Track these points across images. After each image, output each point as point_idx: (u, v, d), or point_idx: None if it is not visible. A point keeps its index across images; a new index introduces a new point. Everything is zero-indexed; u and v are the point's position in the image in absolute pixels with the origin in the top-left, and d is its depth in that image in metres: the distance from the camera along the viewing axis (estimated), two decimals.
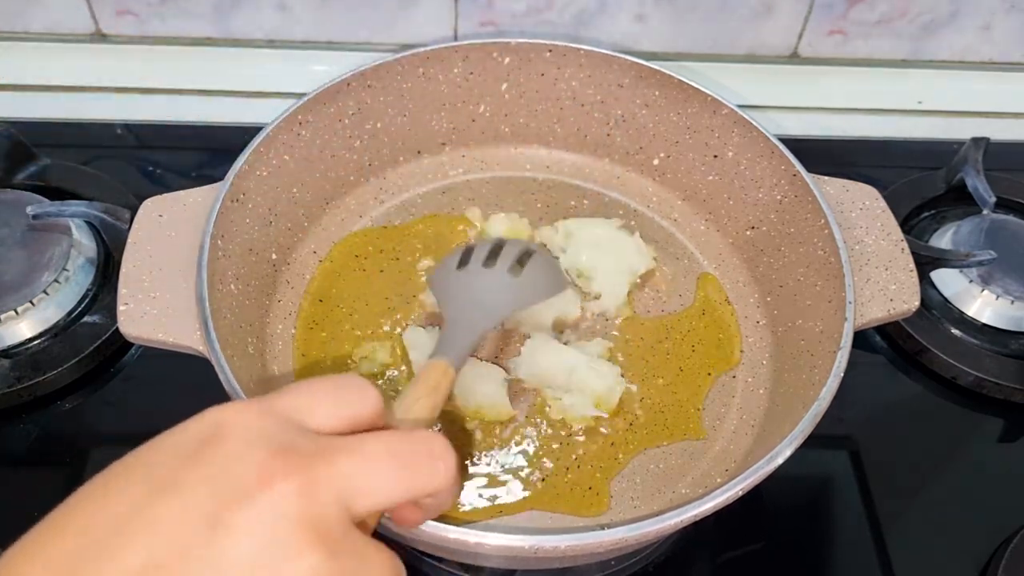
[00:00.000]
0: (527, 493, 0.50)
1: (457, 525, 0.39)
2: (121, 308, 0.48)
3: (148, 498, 0.26)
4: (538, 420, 0.53)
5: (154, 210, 0.52)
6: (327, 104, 0.59)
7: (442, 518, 0.39)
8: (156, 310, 0.48)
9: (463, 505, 0.50)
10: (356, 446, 0.29)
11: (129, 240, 0.51)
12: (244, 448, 0.27)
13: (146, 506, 0.26)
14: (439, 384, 0.41)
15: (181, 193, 0.53)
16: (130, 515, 0.25)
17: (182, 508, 0.25)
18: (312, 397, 0.30)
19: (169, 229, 0.51)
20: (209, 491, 0.26)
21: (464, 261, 0.52)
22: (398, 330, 0.57)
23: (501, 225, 0.61)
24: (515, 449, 0.52)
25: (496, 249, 0.52)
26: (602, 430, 0.53)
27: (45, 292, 0.57)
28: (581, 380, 0.53)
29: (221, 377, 0.45)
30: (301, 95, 0.58)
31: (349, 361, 0.55)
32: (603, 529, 0.41)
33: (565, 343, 0.56)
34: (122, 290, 0.48)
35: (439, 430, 0.52)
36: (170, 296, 0.48)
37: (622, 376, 0.54)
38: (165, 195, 0.53)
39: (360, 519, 0.29)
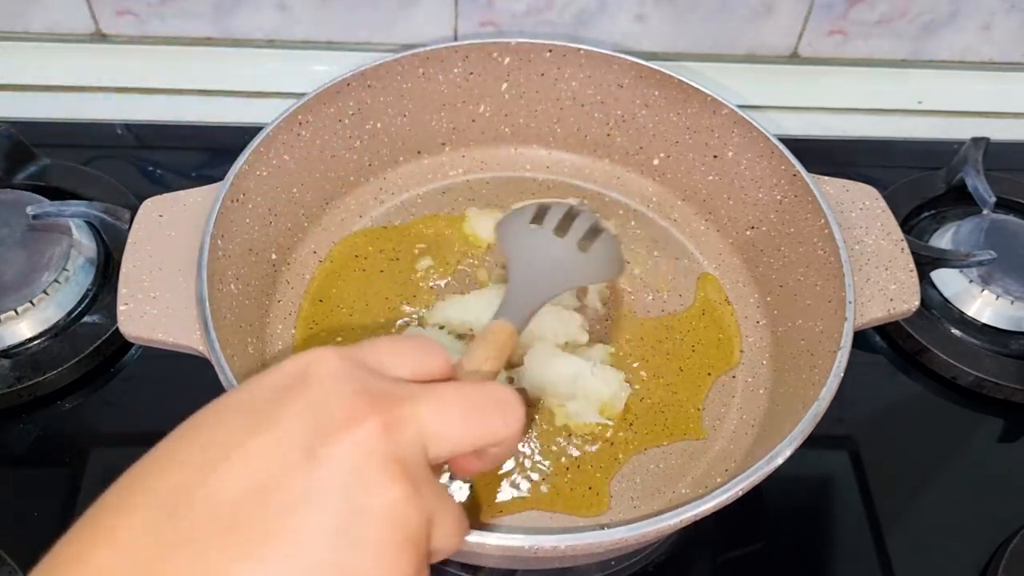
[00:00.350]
0: (527, 493, 0.50)
1: None
2: (121, 308, 0.48)
3: (247, 432, 0.28)
4: (538, 420, 0.53)
5: (154, 210, 0.52)
6: (327, 104, 0.59)
7: None
8: (156, 310, 0.48)
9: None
10: (433, 392, 0.31)
11: (129, 240, 0.51)
12: (333, 387, 0.29)
13: (246, 438, 0.27)
14: (505, 346, 0.41)
15: (181, 193, 0.53)
16: (231, 446, 0.27)
17: (279, 440, 0.27)
18: (389, 350, 0.32)
19: (169, 229, 0.51)
20: (303, 425, 0.28)
21: (538, 219, 0.52)
22: (398, 329, 0.57)
23: (487, 222, 0.61)
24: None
25: (569, 217, 0.52)
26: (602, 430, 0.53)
27: (45, 292, 0.57)
28: (585, 387, 0.53)
29: (221, 377, 0.45)
30: (301, 95, 0.57)
31: None
32: (603, 529, 0.41)
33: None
34: (122, 290, 0.48)
35: None
36: (170, 296, 0.48)
37: (626, 382, 0.54)
38: (165, 195, 0.53)
39: (435, 463, 0.30)
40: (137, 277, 0.49)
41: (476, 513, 0.50)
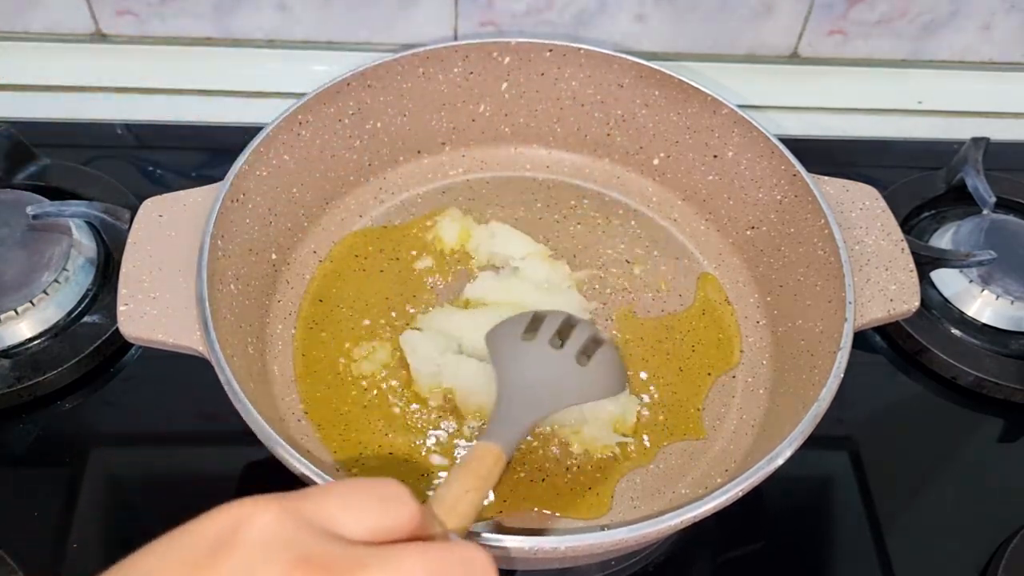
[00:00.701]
0: (527, 493, 0.50)
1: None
2: (121, 308, 0.48)
3: None
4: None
5: (154, 210, 0.52)
6: (327, 104, 0.59)
7: None
8: (156, 310, 0.48)
9: None
10: (392, 560, 0.25)
11: (129, 240, 0.51)
12: (261, 556, 0.24)
13: None
14: (490, 474, 0.38)
15: (181, 193, 0.53)
16: None
17: None
18: (343, 502, 0.27)
19: (169, 229, 0.51)
20: None
21: (532, 330, 0.48)
22: (398, 328, 0.57)
23: (455, 225, 0.62)
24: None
25: (566, 328, 0.48)
26: None
27: (45, 292, 0.57)
28: (593, 409, 0.52)
29: (221, 377, 0.45)
30: (301, 95, 0.57)
31: (349, 360, 0.55)
32: (603, 530, 0.41)
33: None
34: (122, 290, 0.48)
35: (450, 430, 0.52)
36: (170, 296, 0.48)
37: (632, 394, 0.54)
38: (165, 195, 0.53)
39: None
40: (137, 277, 0.49)
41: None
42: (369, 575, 0.25)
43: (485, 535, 0.39)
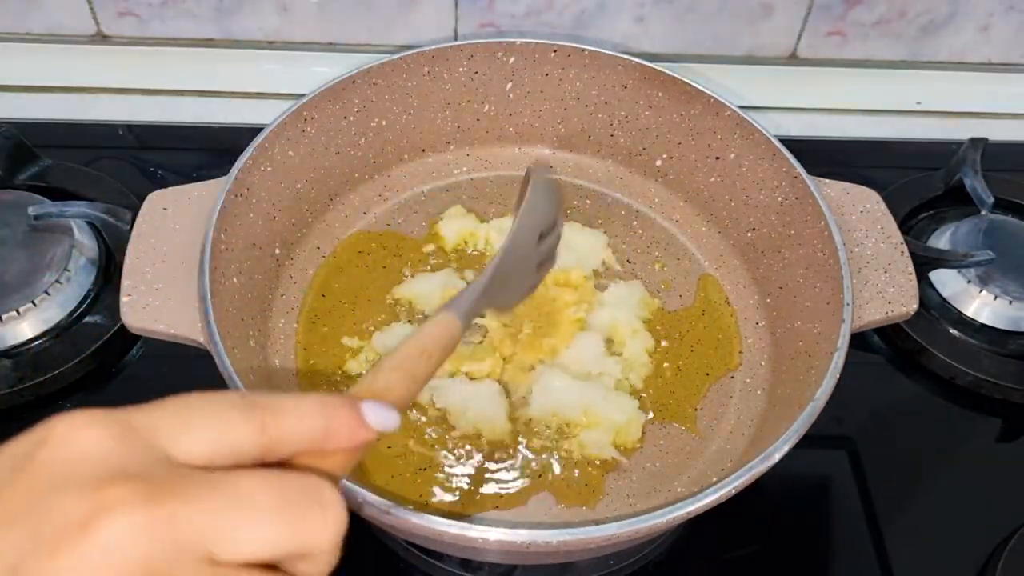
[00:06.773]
0: (523, 489, 0.50)
1: (454, 519, 0.40)
2: (124, 299, 0.48)
3: None
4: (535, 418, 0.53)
5: (159, 203, 0.52)
6: (332, 101, 0.59)
7: (441, 512, 0.40)
8: (159, 301, 0.48)
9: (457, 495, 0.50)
10: (227, 481, 0.22)
11: (133, 232, 0.51)
12: (60, 479, 0.21)
13: None
14: (434, 350, 0.32)
15: (186, 187, 0.53)
16: None
17: None
18: (182, 416, 0.23)
19: (173, 222, 0.51)
20: (14, 534, 0.21)
21: (544, 236, 0.46)
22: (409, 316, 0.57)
23: (458, 223, 0.62)
24: (512, 445, 0.52)
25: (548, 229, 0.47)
26: None
27: (47, 292, 0.57)
28: (598, 414, 0.52)
29: (221, 369, 0.45)
30: (301, 96, 0.58)
31: (350, 355, 0.55)
32: (595, 525, 0.41)
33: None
34: (125, 281, 0.49)
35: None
36: (173, 288, 0.49)
37: (640, 409, 0.54)
38: (170, 188, 0.53)
39: (232, 564, 0.22)
40: (140, 269, 0.49)
41: (473, 507, 0.50)
42: (199, 496, 0.22)
43: (480, 528, 0.40)
